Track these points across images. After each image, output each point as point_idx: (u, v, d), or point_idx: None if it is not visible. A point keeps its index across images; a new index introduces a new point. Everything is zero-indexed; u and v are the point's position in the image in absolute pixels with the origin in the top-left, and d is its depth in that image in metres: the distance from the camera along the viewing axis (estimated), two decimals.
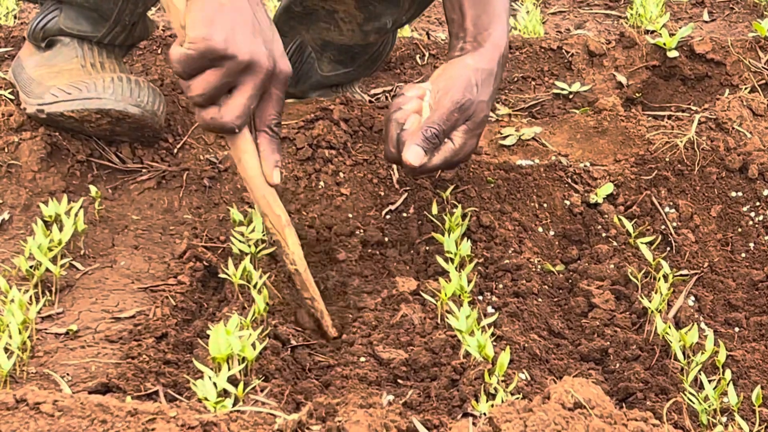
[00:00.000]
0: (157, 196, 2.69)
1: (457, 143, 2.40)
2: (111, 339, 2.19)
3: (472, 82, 2.41)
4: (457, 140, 2.40)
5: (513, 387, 2.00)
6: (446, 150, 2.39)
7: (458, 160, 2.43)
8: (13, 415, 1.55)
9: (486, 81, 2.44)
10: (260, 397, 1.93)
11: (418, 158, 2.33)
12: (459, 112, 2.37)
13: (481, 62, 2.46)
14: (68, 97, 2.65)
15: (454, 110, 2.37)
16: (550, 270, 2.57)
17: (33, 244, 2.37)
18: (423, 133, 2.34)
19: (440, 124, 2.35)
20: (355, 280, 2.49)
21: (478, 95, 2.41)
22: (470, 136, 2.42)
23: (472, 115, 2.40)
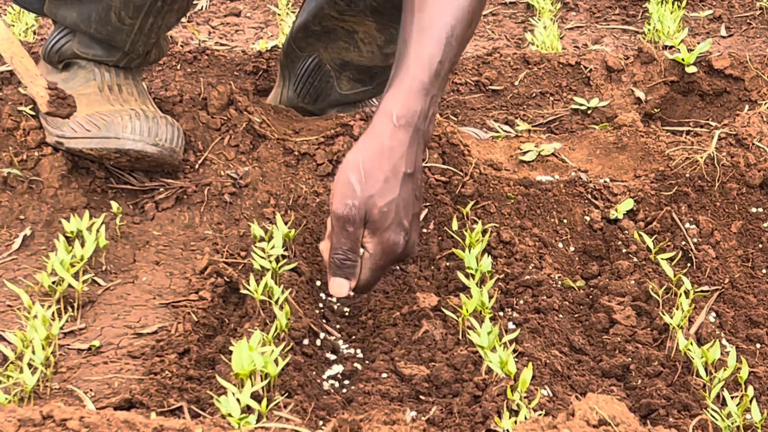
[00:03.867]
0: (178, 212, 2.70)
1: (371, 250, 2.19)
2: (133, 355, 2.20)
3: (351, 182, 2.15)
4: (369, 247, 2.19)
5: (535, 403, 2.00)
6: (366, 262, 2.20)
7: (389, 260, 2.21)
8: (40, 431, 1.55)
9: (374, 168, 2.16)
10: (284, 413, 1.93)
11: (344, 288, 2.19)
12: (350, 225, 2.14)
13: (365, 147, 2.21)
14: (87, 134, 2.66)
15: (342, 226, 2.15)
16: (570, 286, 2.57)
17: (55, 260, 2.37)
18: (333, 263, 2.18)
19: (341, 247, 2.17)
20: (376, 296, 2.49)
21: (363, 192, 2.14)
22: (380, 235, 2.18)
23: (365, 217, 2.16)
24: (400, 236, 2.18)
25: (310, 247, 2.59)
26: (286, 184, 2.73)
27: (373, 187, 2.15)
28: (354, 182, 2.15)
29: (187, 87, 3.29)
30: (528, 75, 3.60)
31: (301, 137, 2.83)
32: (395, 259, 2.22)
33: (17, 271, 2.49)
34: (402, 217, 2.18)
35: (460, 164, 2.80)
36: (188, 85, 3.32)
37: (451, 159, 2.81)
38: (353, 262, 2.17)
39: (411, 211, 2.20)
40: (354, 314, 2.47)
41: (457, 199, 2.75)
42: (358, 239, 2.16)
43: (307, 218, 2.64)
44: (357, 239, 2.16)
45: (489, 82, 3.59)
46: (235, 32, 4.45)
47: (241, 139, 2.81)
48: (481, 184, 2.77)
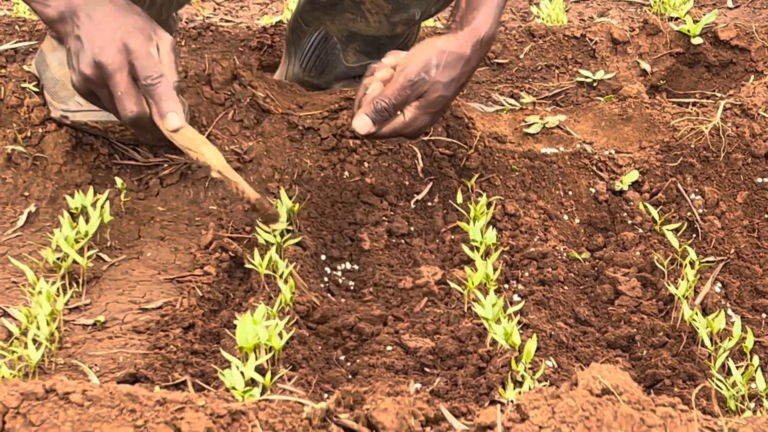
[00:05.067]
0: (182, 187, 2.69)
1: (407, 117, 2.46)
2: (138, 330, 2.20)
3: (432, 62, 2.46)
4: (407, 115, 2.46)
5: (540, 374, 2.00)
6: (396, 123, 2.46)
7: (408, 133, 2.50)
8: (43, 405, 1.55)
9: (451, 64, 2.48)
10: (288, 386, 1.93)
11: (365, 127, 2.44)
12: (411, 89, 2.44)
13: (452, 45, 2.50)
14: (92, 107, 2.65)
15: (405, 87, 2.43)
16: (575, 258, 2.57)
17: (60, 236, 2.37)
18: (374, 105, 2.43)
19: (390, 99, 2.43)
20: (381, 269, 2.49)
21: (436, 76, 2.46)
22: (421, 113, 2.47)
23: (424, 93, 2.45)
24: (428, 124, 2.52)
25: (314, 222, 2.58)
26: (291, 159, 2.73)
27: (445, 77, 2.46)
28: (434, 63, 2.46)
29: (192, 63, 3.28)
30: (533, 48, 3.59)
31: (305, 112, 2.82)
32: (412, 135, 2.53)
33: (22, 248, 2.48)
34: (440, 113, 2.53)
35: (464, 137, 2.79)
36: (193, 61, 3.31)
37: (456, 132, 2.80)
38: (389, 115, 2.44)
39: (443, 113, 2.60)
40: (358, 288, 2.47)
41: (462, 172, 2.74)
42: (406, 104, 2.45)
43: (311, 192, 2.64)
44: (405, 103, 2.45)
45: (494, 56, 3.58)
46: (240, 8, 4.44)
47: (245, 114, 2.81)
48: (485, 157, 2.76)
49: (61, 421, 1.53)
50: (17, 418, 1.54)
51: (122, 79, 2.30)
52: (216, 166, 2.37)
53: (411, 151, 2.76)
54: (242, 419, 1.62)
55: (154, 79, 2.31)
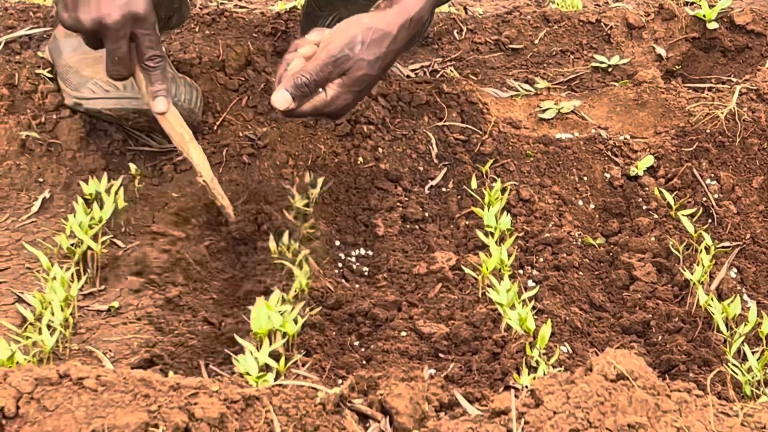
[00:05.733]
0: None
1: (329, 95, 2.35)
2: (152, 315, 2.19)
3: (357, 39, 2.36)
4: (329, 93, 2.35)
5: (555, 360, 1.99)
6: (317, 100, 2.35)
7: (329, 112, 2.39)
8: (57, 390, 1.55)
9: (377, 41, 2.37)
10: (302, 371, 1.93)
11: (284, 103, 2.32)
12: (333, 65, 2.33)
13: (379, 22, 2.40)
14: (106, 94, 2.65)
15: (328, 63, 2.32)
16: (590, 243, 2.56)
17: (74, 222, 2.37)
18: (294, 80, 2.32)
19: (312, 74, 2.32)
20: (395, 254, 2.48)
21: (360, 53, 2.35)
22: (344, 92, 2.36)
23: (348, 70, 2.34)
24: (351, 103, 2.38)
25: (328, 207, 2.58)
26: (305, 145, 2.72)
27: (369, 55, 2.35)
28: (359, 40, 2.35)
29: (206, 49, 3.27)
30: (548, 33, 3.58)
31: None
32: (333, 114, 2.39)
33: (36, 234, 2.48)
34: (365, 92, 2.40)
35: (479, 123, 2.79)
36: (207, 47, 3.30)
37: (470, 117, 2.79)
38: (309, 92, 2.32)
39: (367, 93, 2.43)
40: (372, 273, 2.46)
41: (476, 158, 2.73)
42: (327, 81, 2.33)
43: (326, 178, 2.63)
44: (327, 80, 2.32)
45: (509, 41, 3.57)
46: None
47: (259, 100, 2.80)
48: (500, 142, 2.75)
49: (75, 406, 1.53)
50: (31, 403, 1.54)
51: (123, 46, 2.35)
52: (199, 170, 2.47)
53: (425, 137, 2.75)
54: (256, 404, 1.62)
55: (156, 62, 2.38)
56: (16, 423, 1.53)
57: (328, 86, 2.34)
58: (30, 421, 1.53)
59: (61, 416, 1.52)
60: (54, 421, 1.52)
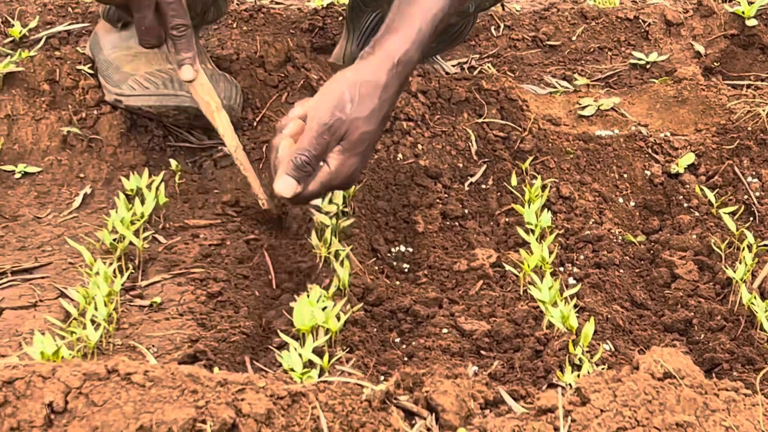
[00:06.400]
0: (236, 170, 2.69)
1: (333, 166, 2.19)
2: (194, 311, 2.20)
3: (345, 98, 2.19)
4: (332, 163, 2.19)
5: (597, 358, 1.99)
6: (322, 175, 2.19)
7: (339, 183, 2.23)
8: (105, 385, 1.56)
9: (367, 95, 2.21)
10: (347, 368, 1.93)
11: (290, 189, 2.16)
12: (328, 134, 2.17)
13: (364, 73, 2.25)
14: (146, 91, 2.66)
15: (322, 132, 2.16)
16: (631, 241, 2.55)
17: (116, 217, 2.38)
18: (293, 162, 2.15)
19: (309, 150, 2.16)
20: (435, 251, 2.48)
21: (353, 112, 2.19)
22: (347, 157, 2.20)
23: (345, 135, 2.19)
24: (359, 166, 2.24)
25: (368, 204, 2.58)
26: None
27: (363, 111, 2.20)
28: (347, 99, 2.20)
29: (244, 45, 3.28)
30: (586, 30, 3.57)
31: None
32: (344, 183, 2.25)
33: (78, 229, 2.50)
34: (369, 151, 2.26)
35: (518, 119, 2.78)
36: (244, 44, 3.32)
37: (510, 114, 2.79)
38: (312, 169, 2.17)
39: (372, 150, 2.31)
40: (413, 270, 2.46)
41: (516, 155, 2.73)
42: (327, 151, 2.18)
43: (365, 174, 2.63)
44: (326, 151, 2.18)
45: (546, 38, 3.56)
46: None
47: (298, 96, 2.81)
48: (540, 139, 2.75)
49: (123, 402, 1.54)
50: (80, 398, 1.55)
51: (149, 15, 2.39)
52: (225, 139, 2.52)
53: (465, 134, 2.75)
54: (302, 401, 1.62)
55: (181, 31, 2.41)
56: (65, 418, 1.54)
57: (329, 157, 2.19)
58: (78, 416, 1.54)
59: (109, 411, 1.53)
60: (102, 416, 1.53)
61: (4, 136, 2.70)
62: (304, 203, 2.34)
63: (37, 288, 2.26)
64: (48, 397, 1.54)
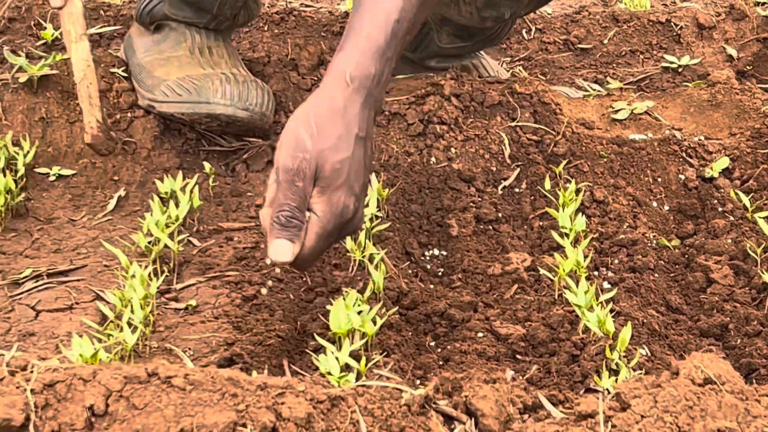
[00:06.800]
0: (269, 172, 2.70)
1: (319, 211, 1.96)
2: (230, 314, 2.20)
3: (302, 136, 1.95)
4: (318, 208, 1.96)
5: (634, 363, 1.98)
6: (313, 225, 1.96)
7: (338, 225, 1.99)
8: (145, 388, 1.56)
9: (327, 123, 1.98)
10: (385, 372, 1.93)
11: (287, 252, 1.93)
12: (299, 179, 1.93)
13: (315, 104, 2.01)
14: (178, 98, 2.68)
15: (290, 180, 1.93)
16: (665, 245, 2.54)
17: (150, 220, 2.39)
18: (275, 223, 1.93)
19: (287, 202, 1.93)
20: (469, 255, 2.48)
21: (315, 147, 1.94)
22: (331, 194, 1.96)
23: (317, 172, 1.95)
24: (350, 200, 1.98)
25: (402, 207, 2.58)
26: (377, 144, 2.72)
27: (326, 141, 1.96)
28: (305, 135, 1.95)
29: (275, 48, 3.29)
30: (617, 33, 3.56)
31: (391, 97, 2.82)
32: (342, 225, 2.00)
33: (113, 232, 2.51)
34: (353, 180, 1.99)
35: (551, 123, 2.78)
36: (275, 46, 3.32)
37: (543, 118, 2.79)
38: (300, 221, 1.94)
39: (362, 178, 2.02)
40: (447, 274, 2.46)
41: (550, 158, 2.72)
42: (307, 196, 1.94)
43: (398, 178, 2.63)
44: (305, 196, 1.94)
45: (577, 41, 3.56)
46: None
47: None
48: (573, 143, 2.74)
49: (164, 405, 1.54)
50: (120, 401, 1.55)
51: None
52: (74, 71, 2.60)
53: (498, 137, 2.74)
54: (342, 405, 1.62)
55: None
56: (106, 421, 1.54)
57: (312, 204, 1.96)
58: (119, 419, 1.54)
59: (150, 414, 1.53)
60: (143, 420, 1.53)
61: (38, 139, 2.71)
62: (312, 264, 2.09)
63: (72, 290, 2.27)
64: (89, 400, 1.54)
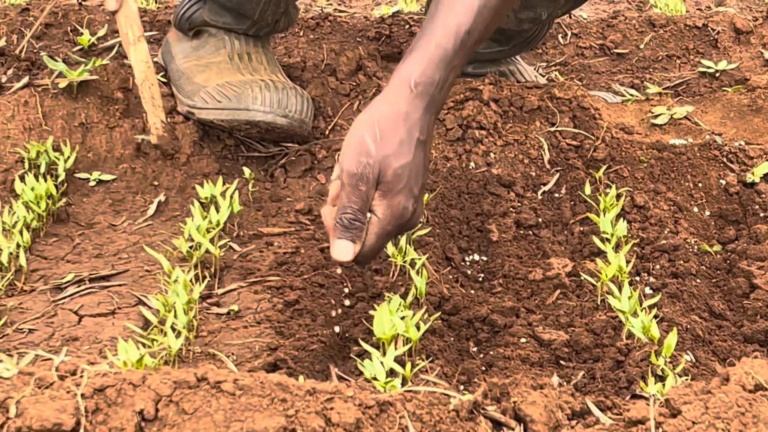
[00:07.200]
0: (309, 177, 2.70)
1: (380, 213, 2.07)
2: (272, 319, 2.20)
3: (366, 141, 2.04)
4: (379, 210, 2.07)
5: (680, 369, 1.97)
6: (374, 226, 2.07)
7: (397, 226, 2.10)
8: (195, 393, 1.56)
9: (390, 129, 2.06)
10: (431, 377, 1.93)
11: (348, 252, 2.05)
12: (362, 183, 2.03)
13: (380, 109, 2.10)
14: (218, 105, 2.68)
15: (355, 185, 2.03)
16: (707, 251, 2.53)
17: (192, 225, 2.39)
18: (339, 223, 2.04)
19: (350, 205, 2.04)
20: (510, 260, 2.47)
21: (379, 152, 2.03)
22: (391, 198, 2.06)
23: (379, 177, 2.04)
24: (409, 202, 2.08)
25: (442, 213, 2.58)
26: None
27: (389, 147, 2.05)
28: (369, 141, 2.05)
29: (310, 53, 3.29)
30: (654, 38, 3.55)
31: None
32: (401, 226, 2.10)
33: (153, 237, 2.51)
34: (413, 183, 2.08)
35: (591, 128, 2.77)
36: (311, 52, 3.32)
37: (582, 123, 2.78)
38: (361, 223, 2.05)
39: (421, 179, 2.11)
40: (488, 279, 2.46)
41: (589, 164, 2.72)
42: (369, 200, 2.05)
43: (438, 183, 2.63)
44: (367, 200, 2.04)
45: (614, 46, 3.55)
46: None
47: None
48: (613, 148, 2.74)
49: (214, 410, 1.54)
50: (170, 406, 1.55)
51: None
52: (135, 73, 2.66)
53: (537, 142, 2.74)
54: (390, 410, 1.62)
55: None
56: (155, 426, 1.54)
57: (373, 205, 2.07)
58: (169, 424, 1.54)
59: (200, 419, 1.53)
60: (193, 425, 1.53)
61: (78, 144, 2.72)
62: (371, 261, 2.18)
63: (114, 295, 2.27)
64: (139, 404, 1.54)
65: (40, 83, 2.81)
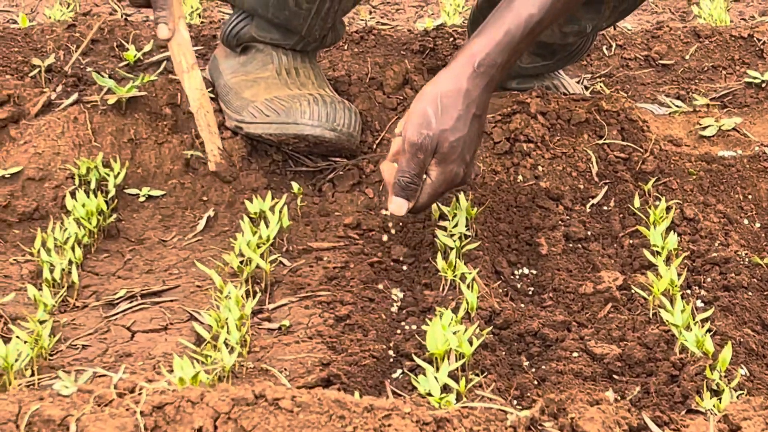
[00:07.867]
0: (357, 192, 2.70)
1: (434, 177, 2.35)
2: (323, 334, 2.20)
3: (428, 114, 2.31)
4: (433, 174, 2.34)
5: (735, 383, 1.96)
6: (427, 187, 2.36)
7: (447, 188, 2.38)
8: (253, 410, 1.57)
9: (450, 104, 2.32)
10: (486, 392, 1.93)
11: (402, 208, 2.35)
12: (421, 152, 2.31)
13: (443, 83, 2.34)
14: (266, 119, 2.69)
15: (415, 152, 2.31)
16: (758, 263, 2.52)
17: (242, 240, 2.40)
18: (397, 184, 2.34)
19: (407, 170, 2.33)
20: (560, 274, 2.46)
21: (438, 126, 2.30)
22: (445, 166, 2.34)
23: (437, 148, 2.32)
24: (461, 168, 2.35)
25: (490, 226, 2.57)
26: None
27: (447, 122, 2.31)
28: (431, 114, 2.30)
29: (355, 67, 3.29)
30: (699, 48, 3.54)
31: None
32: (453, 187, 2.40)
33: (203, 252, 2.52)
34: (466, 152, 2.34)
35: (639, 140, 2.76)
36: (355, 65, 3.32)
37: (630, 135, 2.77)
38: (416, 185, 2.34)
39: (474, 148, 2.37)
40: (537, 292, 2.45)
41: (638, 176, 2.71)
42: (425, 166, 2.33)
43: (486, 197, 2.63)
44: (424, 166, 2.32)
45: (659, 57, 3.54)
46: (395, 11, 4.45)
47: None
48: (661, 160, 2.73)
49: (272, 427, 1.55)
50: (228, 423, 1.56)
51: None
52: (190, 102, 2.65)
53: (585, 155, 2.73)
54: (447, 426, 1.62)
55: None
56: None
57: (429, 170, 2.34)
58: None
59: None
60: None
61: (128, 160, 2.74)
62: (420, 213, 2.50)
63: (166, 311, 2.28)
64: (197, 422, 1.55)
65: (89, 99, 2.82)
